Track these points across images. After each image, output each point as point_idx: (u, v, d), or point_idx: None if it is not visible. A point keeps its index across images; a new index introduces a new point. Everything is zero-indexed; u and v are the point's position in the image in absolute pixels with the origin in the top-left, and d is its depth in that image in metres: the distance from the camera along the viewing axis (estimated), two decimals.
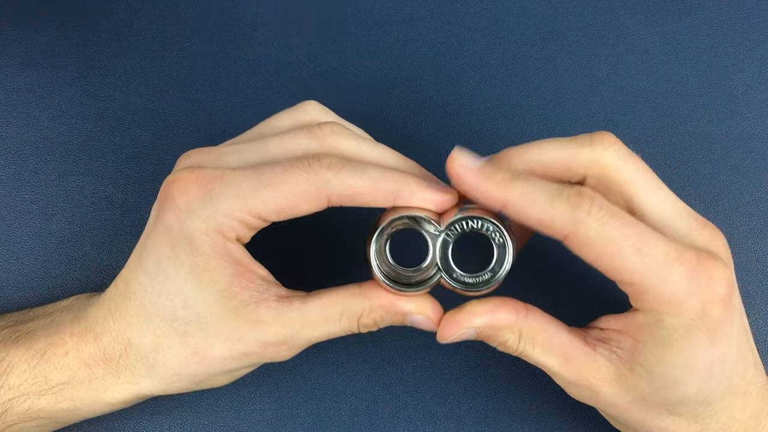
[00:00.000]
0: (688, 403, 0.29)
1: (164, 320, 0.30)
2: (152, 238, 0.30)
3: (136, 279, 0.31)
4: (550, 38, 0.44)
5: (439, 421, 0.38)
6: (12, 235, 0.40)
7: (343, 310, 0.31)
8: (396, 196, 0.29)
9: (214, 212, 0.29)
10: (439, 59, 0.43)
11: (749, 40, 0.44)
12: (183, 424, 0.38)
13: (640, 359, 0.29)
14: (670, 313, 0.27)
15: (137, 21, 0.44)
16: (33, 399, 0.32)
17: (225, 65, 0.43)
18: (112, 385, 0.32)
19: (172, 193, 0.29)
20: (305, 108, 0.33)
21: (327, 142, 0.30)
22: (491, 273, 0.30)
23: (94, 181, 0.41)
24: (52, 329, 0.33)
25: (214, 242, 0.29)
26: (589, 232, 0.27)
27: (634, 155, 0.30)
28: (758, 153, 0.42)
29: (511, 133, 0.42)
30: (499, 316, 0.30)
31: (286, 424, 0.38)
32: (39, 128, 0.42)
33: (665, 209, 0.29)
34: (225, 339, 0.30)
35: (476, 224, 0.29)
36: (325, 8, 0.44)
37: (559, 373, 0.30)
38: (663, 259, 0.27)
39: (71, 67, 0.43)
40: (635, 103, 0.43)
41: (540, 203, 0.27)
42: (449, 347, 0.39)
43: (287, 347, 0.31)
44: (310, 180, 0.28)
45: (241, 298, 0.30)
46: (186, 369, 0.31)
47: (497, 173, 0.28)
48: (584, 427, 0.39)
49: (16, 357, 0.32)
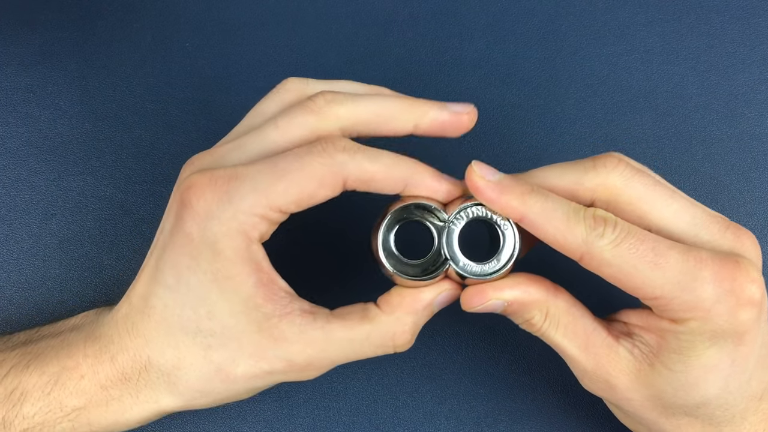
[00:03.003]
0: (707, 405, 0.29)
1: (188, 333, 0.29)
2: (170, 249, 0.29)
3: (155, 294, 0.30)
4: (550, 38, 0.44)
5: (439, 421, 0.38)
6: (12, 235, 0.40)
7: (369, 332, 0.30)
8: (406, 183, 0.29)
9: (235, 212, 0.28)
10: (439, 59, 0.43)
11: (749, 40, 0.44)
12: (183, 424, 0.38)
13: (662, 357, 0.28)
14: (698, 320, 0.27)
15: (137, 21, 0.44)
16: (49, 428, 0.31)
17: (225, 65, 0.43)
18: (130, 405, 0.31)
19: (189, 200, 0.28)
20: (286, 86, 0.32)
21: (324, 113, 0.30)
22: (498, 261, 0.30)
23: (94, 181, 0.41)
24: (63, 351, 0.32)
25: (236, 245, 0.28)
26: (604, 254, 0.27)
27: (641, 171, 0.29)
28: (758, 153, 0.42)
29: (511, 133, 0.42)
30: (530, 291, 0.30)
31: (286, 424, 0.38)
32: (39, 128, 0.42)
33: (682, 219, 0.29)
34: (249, 356, 0.29)
35: (482, 212, 0.30)
36: (325, 8, 0.44)
37: (578, 360, 0.30)
38: (682, 270, 0.27)
39: (71, 67, 0.43)
40: (635, 103, 0.43)
41: (556, 222, 0.28)
42: (449, 346, 0.39)
43: (313, 368, 0.30)
44: (325, 164, 0.28)
45: (264, 310, 0.29)
46: (209, 387, 0.30)
47: (516, 186, 0.28)
48: (584, 427, 0.39)
49: (29, 384, 0.31)
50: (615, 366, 0.29)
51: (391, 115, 0.31)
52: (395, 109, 0.31)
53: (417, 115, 0.31)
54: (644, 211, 0.29)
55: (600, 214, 0.28)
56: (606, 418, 0.38)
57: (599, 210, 0.28)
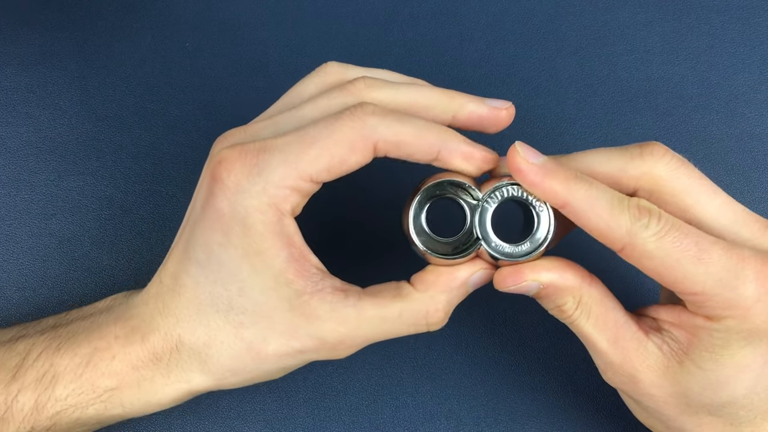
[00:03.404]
0: (732, 404, 0.29)
1: (219, 311, 0.29)
2: (200, 226, 0.29)
3: (186, 272, 0.30)
4: (550, 38, 0.44)
5: (439, 421, 0.38)
6: (12, 235, 0.40)
7: (402, 309, 0.30)
8: (440, 149, 0.29)
9: (265, 185, 0.28)
10: (439, 59, 0.43)
11: (749, 40, 0.44)
12: (183, 425, 0.38)
13: (693, 355, 0.28)
14: (735, 318, 0.27)
15: (137, 21, 0.44)
16: (82, 410, 0.31)
17: (225, 65, 0.43)
18: (162, 385, 0.31)
19: (220, 175, 0.28)
20: (326, 69, 0.32)
21: (363, 97, 0.29)
22: (531, 243, 0.29)
23: (94, 181, 0.41)
24: (95, 333, 0.32)
25: (267, 219, 0.28)
26: (647, 245, 0.27)
27: (686, 163, 0.29)
28: (758, 153, 0.42)
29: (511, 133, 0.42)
30: (566, 276, 0.29)
31: (286, 424, 0.38)
32: (39, 128, 0.42)
33: (724, 216, 0.29)
34: (280, 334, 0.29)
35: (518, 192, 0.29)
36: (325, 8, 0.44)
37: (605, 352, 0.30)
38: (725, 267, 0.26)
39: (71, 67, 0.43)
40: (635, 103, 0.43)
41: (600, 210, 0.27)
42: (449, 346, 0.39)
43: (345, 346, 0.30)
44: (355, 128, 0.28)
45: (295, 287, 0.29)
46: (240, 365, 0.30)
47: (561, 171, 0.28)
48: (584, 427, 0.38)
49: (61, 366, 0.31)
50: (642, 361, 0.29)
51: (429, 105, 0.30)
52: (433, 99, 0.30)
53: (455, 106, 0.30)
54: (687, 204, 0.29)
55: (644, 204, 0.27)
56: (606, 418, 0.38)
57: (643, 200, 0.27)
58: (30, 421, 0.31)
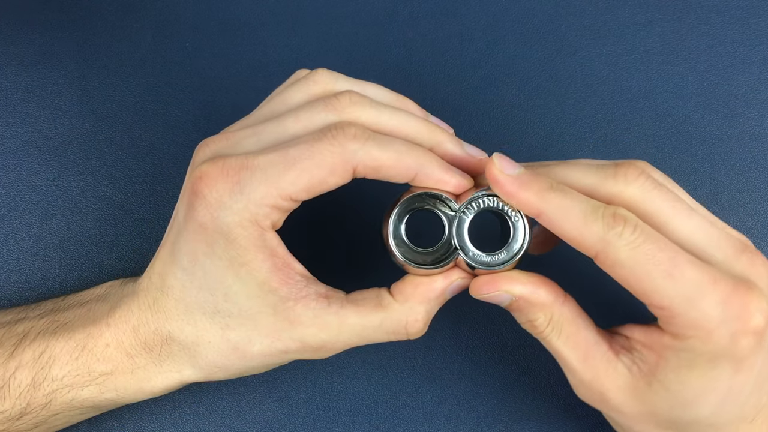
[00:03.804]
0: (699, 423, 0.29)
1: (206, 314, 0.30)
2: (185, 236, 0.30)
3: (172, 275, 0.31)
4: (550, 38, 0.44)
5: (439, 421, 0.38)
6: (12, 235, 0.40)
7: (383, 319, 0.31)
8: (417, 173, 0.29)
9: (247, 203, 0.28)
10: (439, 59, 0.43)
11: (749, 40, 0.44)
12: (183, 424, 0.38)
13: (660, 376, 0.28)
14: (699, 339, 0.27)
15: (137, 21, 0.44)
16: (76, 390, 0.32)
17: (225, 65, 0.43)
18: (155, 374, 0.32)
19: (201, 190, 0.29)
20: (315, 78, 0.32)
21: (346, 114, 0.30)
22: (507, 252, 0.30)
23: (94, 181, 0.41)
24: (89, 320, 0.33)
25: (249, 234, 0.29)
26: (620, 254, 0.27)
27: (661, 186, 0.29)
28: (758, 153, 0.42)
29: (511, 133, 0.42)
30: (539, 293, 0.30)
31: (286, 424, 0.38)
32: (39, 128, 0.42)
33: (698, 237, 0.29)
34: (264, 335, 0.30)
35: (493, 203, 0.30)
36: (325, 8, 0.44)
37: (575, 369, 0.30)
38: (695, 286, 0.27)
39: (71, 67, 0.43)
40: (635, 103, 0.43)
41: (574, 219, 0.27)
42: (449, 347, 0.39)
43: (326, 350, 0.31)
44: (335, 153, 0.28)
45: (280, 294, 0.30)
46: (227, 362, 0.31)
47: (535, 182, 0.28)
48: (584, 427, 0.39)
49: (57, 348, 0.32)
50: (612, 381, 0.30)
51: (409, 135, 0.31)
52: (414, 130, 0.31)
53: (434, 143, 0.31)
54: (660, 222, 0.29)
55: (621, 213, 0.27)
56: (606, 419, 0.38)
57: (621, 209, 0.27)
58: (26, 398, 0.32)
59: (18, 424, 0.32)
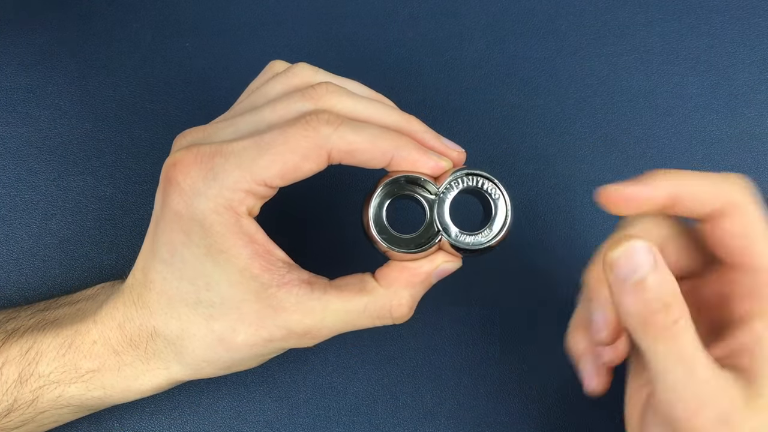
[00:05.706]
0: None
1: (189, 305, 0.30)
2: (162, 225, 0.30)
3: (153, 268, 0.31)
4: (550, 38, 0.44)
5: (439, 421, 0.38)
6: (12, 235, 0.40)
7: (367, 303, 0.30)
8: (393, 156, 0.29)
9: (221, 189, 0.28)
10: (439, 59, 0.43)
11: (749, 40, 0.44)
12: (183, 424, 0.38)
13: None
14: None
15: (137, 21, 0.44)
16: (63, 387, 0.32)
17: (225, 65, 0.43)
18: (142, 371, 0.32)
19: (175, 177, 0.29)
20: (295, 71, 0.32)
21: (322, 102, 0.30)
22: (490, 231, 0.30)
23: (94, 181, 0.41)
24: (77, 318, 0.33)
25: (225, 220, 0.29)
26: None
27: None
28: (758, 153, 0.42)
29: (511, 133, 0.42)
30: None
31: (286, 424, 0.38)
32: (39, 128, 0.42)
33: None
34: (248, 324, 0.30)
35: (472, 181, 0.30)
36: (325, 8, 0.44)
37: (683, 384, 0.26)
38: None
39: (71, 67, 0.43)
40: (635, 103, 0.43)
41: None
42: (449, 347, 0.39)
43: (311, 336, 0.31)
44: (309, 137, 0.28)
45: (262, 280, 0.29)
46: (214, 355, 0.31)
47: None
48: (584, 427, 0.39)
49: (44, 344, 0.32)
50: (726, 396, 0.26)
51: (384, 124, 0.31)
52: (390, 120, 0.31)
53: (410, 132, 0.31)
54: None
55: None
56: (606, 419, 0.38)
57: None
58: (13, 394, 0.32)
59: (5, 421, 0.32)
